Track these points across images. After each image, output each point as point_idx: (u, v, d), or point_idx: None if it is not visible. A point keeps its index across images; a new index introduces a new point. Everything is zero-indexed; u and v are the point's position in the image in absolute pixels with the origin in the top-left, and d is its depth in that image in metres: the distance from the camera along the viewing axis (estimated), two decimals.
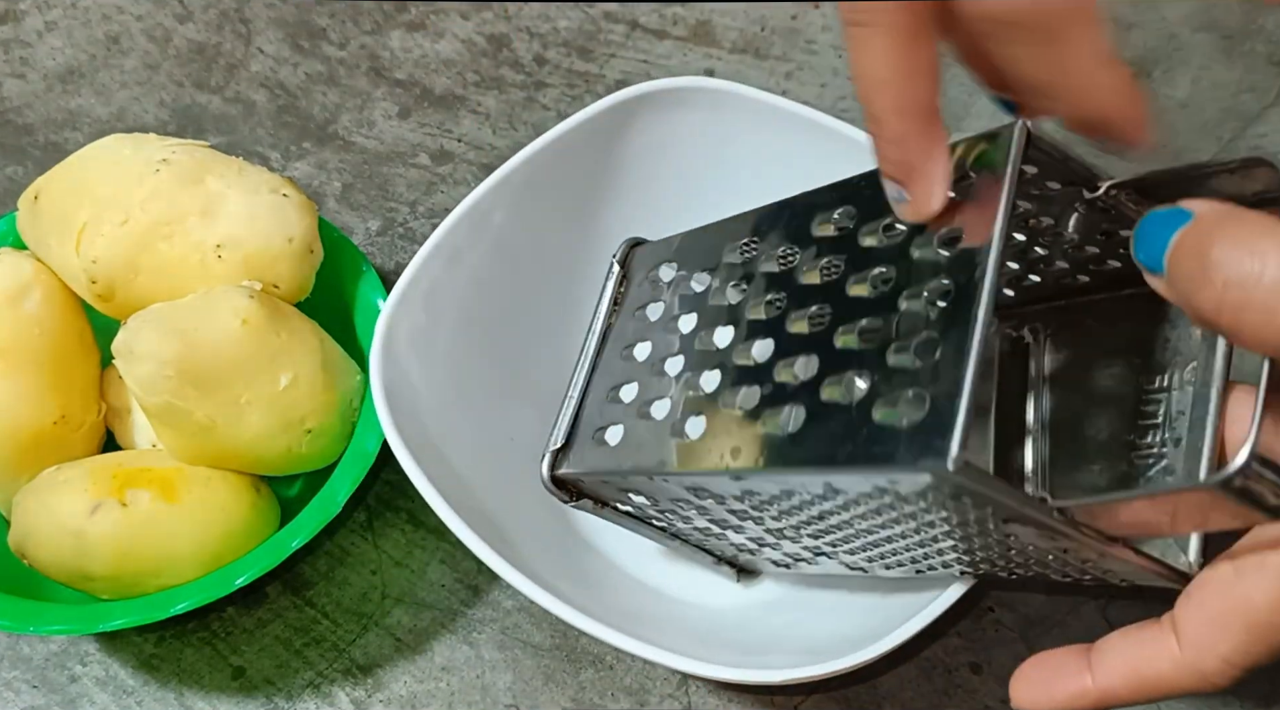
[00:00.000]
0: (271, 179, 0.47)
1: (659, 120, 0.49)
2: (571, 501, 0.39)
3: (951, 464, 0.27)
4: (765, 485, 0.33)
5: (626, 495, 0.38)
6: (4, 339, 0.45)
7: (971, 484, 0.28)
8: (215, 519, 0.44)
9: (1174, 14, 0.62)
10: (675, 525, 0.40)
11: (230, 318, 0.43)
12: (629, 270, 0.42)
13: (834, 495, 0.32)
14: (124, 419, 0.49)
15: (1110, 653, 0.32)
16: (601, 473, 0.37)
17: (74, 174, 0.46)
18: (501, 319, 0.48)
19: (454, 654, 0.47)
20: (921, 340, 0.29)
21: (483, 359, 0.47)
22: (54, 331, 0.46)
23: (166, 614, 0.43)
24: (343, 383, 0.47)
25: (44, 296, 0.46)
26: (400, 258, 0.57)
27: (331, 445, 0.47)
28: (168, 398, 0.42)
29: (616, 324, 0.41)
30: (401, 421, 0.42)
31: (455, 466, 0.43)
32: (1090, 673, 0.32)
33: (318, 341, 0.46)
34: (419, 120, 0.62)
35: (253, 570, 0.43)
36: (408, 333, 0.44)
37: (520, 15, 0.66)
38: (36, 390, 0.45)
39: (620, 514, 0.40)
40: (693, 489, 0.35)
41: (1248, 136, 0.57)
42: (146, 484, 0.44)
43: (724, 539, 0.40)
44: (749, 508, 0.35)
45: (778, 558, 0.40)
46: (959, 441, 0.27)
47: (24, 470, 0.45)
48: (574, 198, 0.49)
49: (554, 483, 0.39)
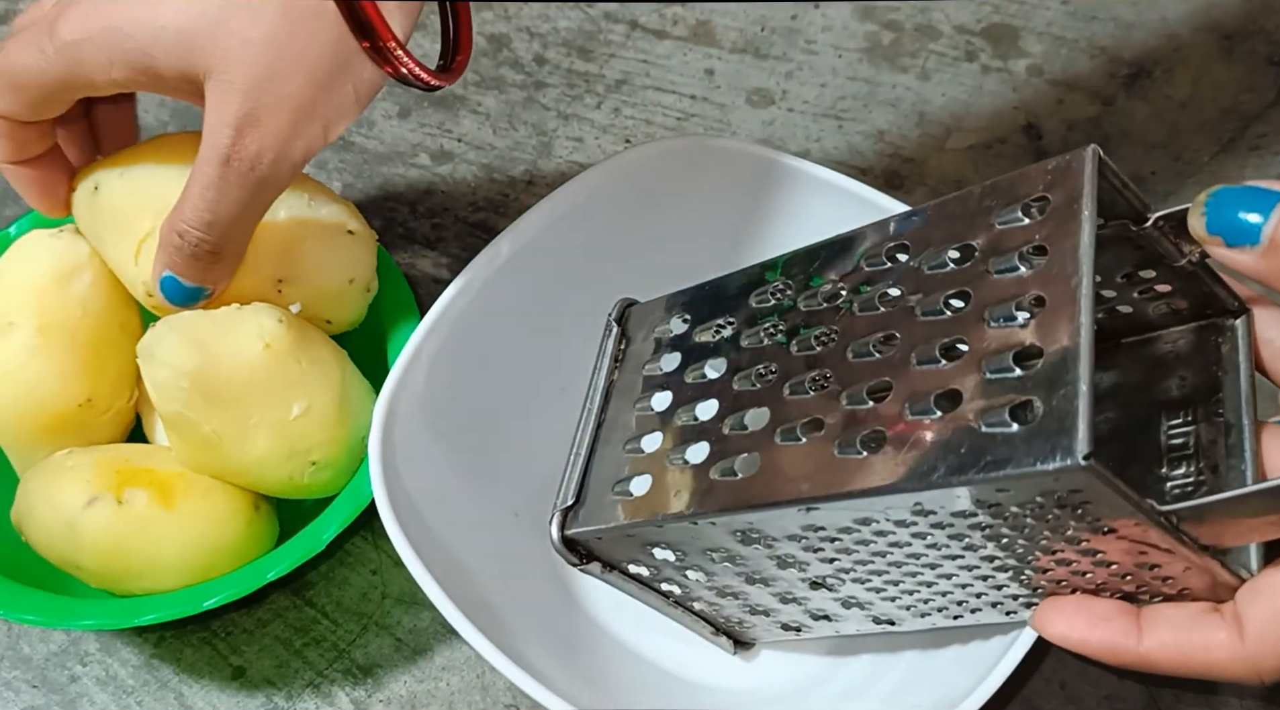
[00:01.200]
0: (337, 211, 0.46)
1: (654, 179, 0.49)
2: (581, 564, 0.38)
3: (1081, 459, 0.27)
4: (838, 516, 0.32)
5: (649, 552, 0.37)
6: (46, 316, 0.44)
7: (1099, 482, 0.27)
8: (207, 531, 0.44)
9: (1174, 14, 0.62)
10: (688, 587, 0.39)
11: (254, 339, 0.43)
12: (626, 329, 0.42)
13: (915, 521, 0.31)
14: (151, 411, 0.49)
15: (1163, 624, 0.32)
16: (628, 525, 0.36)
17: (136, 171, 0.45)
18: (503, 390, 0.47)
19: (454, 654, 0.47)
20: (1019, 349, 0.29)
21: (485, 433, 0.47)
22: (96, 315, 0.46)
23: (199, 608, 0.43)
24: (358, 417, 0.46)
25: (94, 280, 0.46)
26: (400, 258, 0.57)
27: (335, 478, 0.46)
28: (179, 407, 0.42)
29: (620, 380, 0.40)
30: (398, 501, 0.41)
31: (456, 550, 0.42)
32: (1139, 635, 0.32)
33: (339, 374, 0.45)
34: (419, 120, 0.62)
35: (222, 595, 0.43)
36: (407, 410, 0.44)
37: (520, 15, 0.66)
38: (68, 370, 0.45)
39: (627, 578, 0.39)
40: (742, 532, 0.34)
41: (1248, 136, 0.57)
42: (146, 485, 0.44)
43: (740, 598, 0.39)
44: (799, 550, 0.34)
45: (794, 617, 0.39)
46: (1086, 436, 0.27)
47: (43, 447, 0.46)
48: (577, 262, 0.48)
49: (564, 543, 0.38)
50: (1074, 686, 0.44)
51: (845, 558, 0.34)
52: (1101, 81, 0.60)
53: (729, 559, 0.36)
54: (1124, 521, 0.29)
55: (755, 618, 0.40)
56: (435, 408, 0.45)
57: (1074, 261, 0.30)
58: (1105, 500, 0.28)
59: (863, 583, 0.36)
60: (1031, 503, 0.29)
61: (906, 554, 0.33)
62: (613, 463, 0.38)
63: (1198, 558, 0.31)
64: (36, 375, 0.44)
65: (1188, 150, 0.57)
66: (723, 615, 0.41)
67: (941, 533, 0.32)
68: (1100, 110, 0.59)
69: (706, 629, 0.42)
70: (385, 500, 0.40)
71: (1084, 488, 0.28)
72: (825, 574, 0.36)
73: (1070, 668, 0.44)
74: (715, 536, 0.35)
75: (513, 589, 0.43)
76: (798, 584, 0.37)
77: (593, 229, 0.48)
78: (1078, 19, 0.62)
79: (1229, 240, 0.31)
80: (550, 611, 0.45)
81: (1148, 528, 0.29)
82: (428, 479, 0.43)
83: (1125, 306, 0.37)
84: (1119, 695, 0.44)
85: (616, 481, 0.37)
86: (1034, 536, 0.31)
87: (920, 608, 0.36)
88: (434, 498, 0.43)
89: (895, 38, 0.63)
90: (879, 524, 0.32)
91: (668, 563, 0.38)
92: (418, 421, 0.44)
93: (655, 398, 0.39)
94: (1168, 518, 0.29)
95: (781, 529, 0.33)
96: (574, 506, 0.38)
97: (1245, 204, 0.30)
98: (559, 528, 0.38)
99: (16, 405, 0.45)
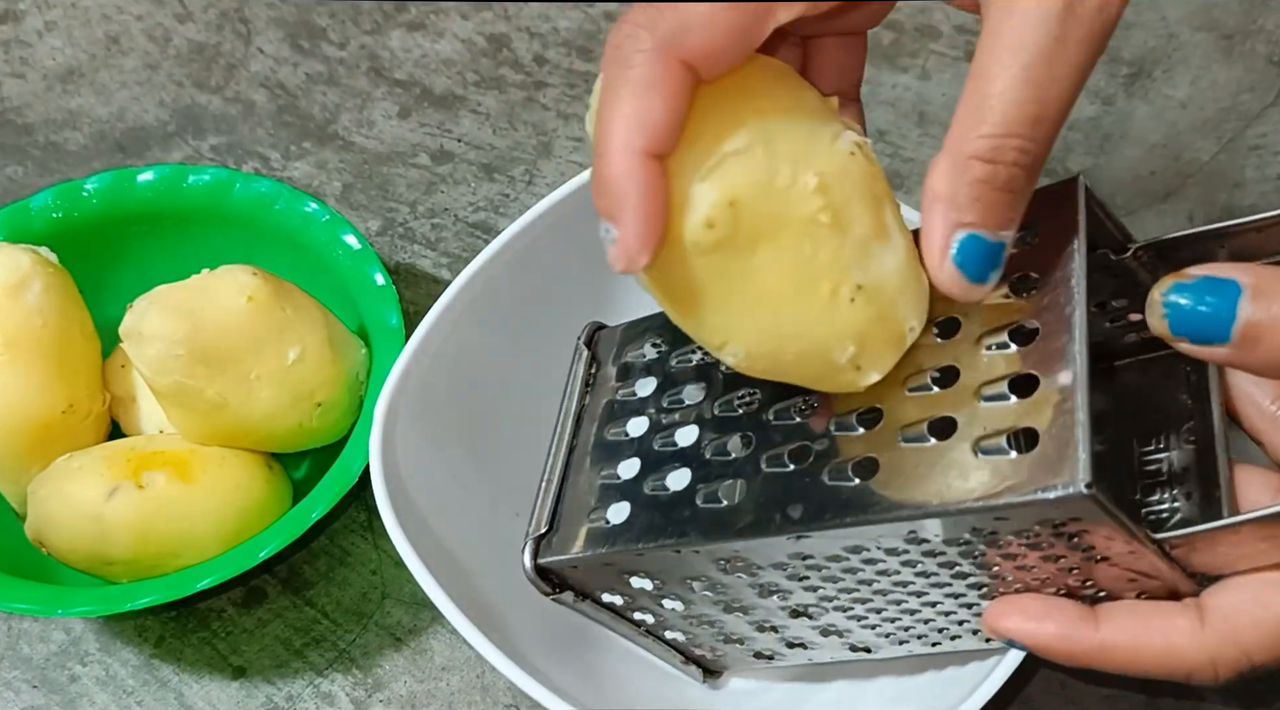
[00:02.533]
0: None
1: None
2: (554, 593, 0.37)
3: (1084, 487, 0.27)
4: (828, 545, 0.32)
5: (625, 581, 0.37)
6: (9, 331, 0.45)
7: (1099, 510, 0.27)
8: (232, 497, 0.45)
9: (1174, 14, 0.62)
10: (663, 616, 0.38)
11: (236, 295, 0.44)
12: (596, 352, 0.41)
13: (907, 550, 0.31)
14: (129, 407, 0.49)
15: (1122, 612, 0.31)
16: (607, 554, 0.35)
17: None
18: (504, 390, 0.47)
19: (454, 654, 0.47)
20: (1014, 377, 0.29)
21: (486, 433, 0.46)
22: (57, 322, 0.46)
23: (193, 589, 0.42)
24: (348, 356, 0.47)
25: (44, 288, 0.46)
26: (400, 257, 0.57)
27: (341, 419, 0.47)
28: (178, 377, 0.43)
29: (590, 404, 0.39)
30: (399, 501, 0.41)
31: (456, 550, 0.42)
32: (1096, 623, 0.31)
33: (322, 316, 0.47)
34: (419, 120, 0.63)
35: (275, 542, 0.43)
36: (408, 410, 0.43)
37: (520, 15, 0.66)
38: (44, 380, 0.45)
39: (599, 608, 0.38)
40: (726, 560, 0.34)
41: (1248, 136, 0.57)
42: (161, 465, 0.44)
43: (715, 627, 0.38)
44: (783, 578, 0.34)
45: (768, 646, 0.39)
46: (1088, 464, 0.27)
47: (35, 460, 0.46)
48: (578, 261, 0.47)
49: (537, 572, 0.37)
50: (1074, 686, 0.44)
51: (830, 586, 0.34)
52: (1101, 81, 0.60)
53: (709, 588, 0.36)
54: (1117, 549, 0.29)
55: (728, 646, 0.40)
56: (436, 408, 0.45)
57: (1067, 291, 0.30)
58: (1101, 528, 0.28)
59: (845, 611, 0.35)
60: (1029, 531, 0.29)
61: (894, 582, 0.33)
62: (587, 490, 0.37)
63: (1185, 584, 0.31)
64: (15, 389, 0.45)
65: (1188, 150, 0.57)
66: (695, 644, 0.40)
67: (933, 561, 0.31)
68: (1100, 110, 0.59)
69: (677, 658, 0.41)
70: (386, 500, 0.40)
71: (1084, 516, 0.28)
72: (808, 603, 0.35)
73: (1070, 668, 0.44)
74: (697, 565, 0.34)
75: (513, 589, 0.43)
76: (777, 612, 0.36)
77: (595, 228, 0.48)
78: None
79: (1195, 340, 0.29)
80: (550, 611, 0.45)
81: (1141, 555, 0.29)
82: (428, 479, 0.43)
83: (1096, 336, 0.37)
84: (1119, 695, 0.44)
85: (592, 509, 0.36)
86: (1025, 564, 0.31)
87: (900, 636, 0.36)
88: (434, 498, 0.43)
89: (895, 38, 0.63)
90: (869, 552, 0.31)
91: (644, 592, 0.37)
92: (418, 421, 0.44)
93: (630, 423, 0.38)
94: (1160, 546, 0.29)
95: (768, 557, 0.33)
96: (547, 534, 0.37)
97: (1205, 299, 0.28)
98: (532, 556, 0.37)
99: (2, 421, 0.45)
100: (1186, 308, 0.29)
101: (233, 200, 0.52)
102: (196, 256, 0.48)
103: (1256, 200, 0.55)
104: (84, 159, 0.63)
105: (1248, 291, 0.28)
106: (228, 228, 0.53)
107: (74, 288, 0.48)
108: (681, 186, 0.28)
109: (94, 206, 0.52)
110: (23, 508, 0.46)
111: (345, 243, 0.50)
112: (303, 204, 0.51)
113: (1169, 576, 0.30)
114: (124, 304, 0.44)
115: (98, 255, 0.52)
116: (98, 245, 0.53)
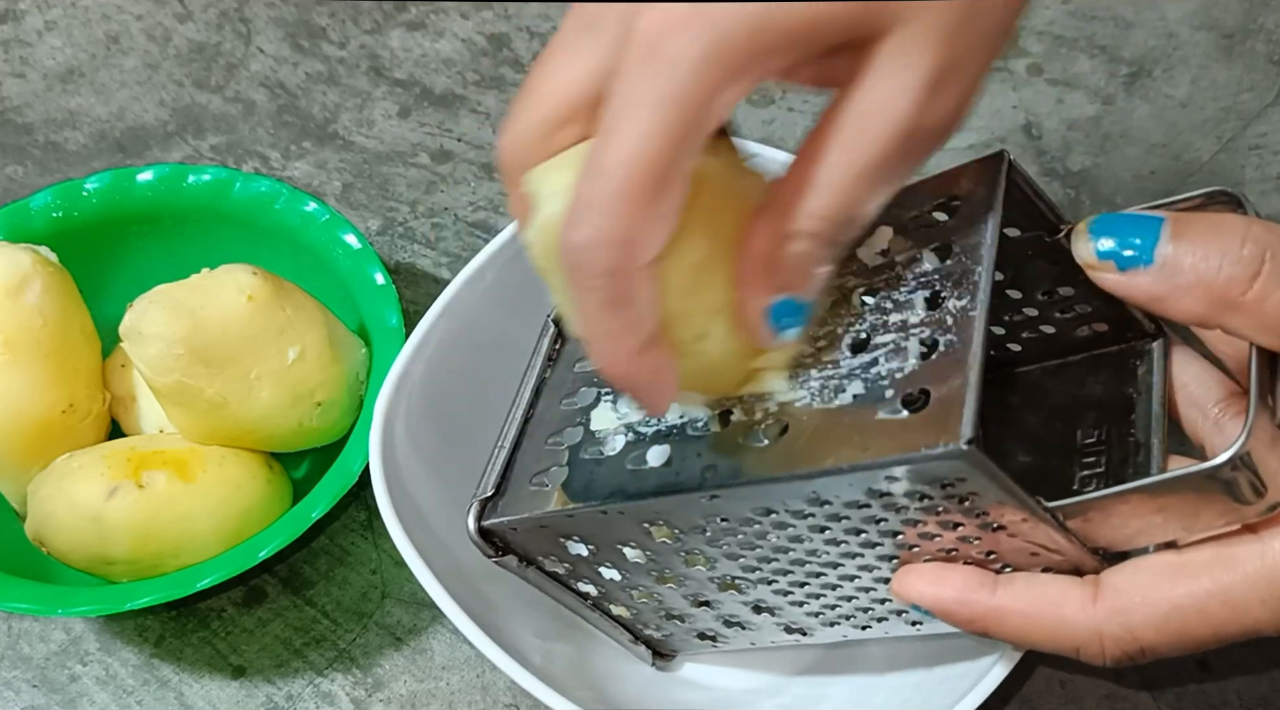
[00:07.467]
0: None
1: None
2: (497, 556, 0.38)
3: (964, 443, 0.27)
4: (739, 506, 0.32)
5: (562, 545, 0.37)
6: (9, 331, 0.45)
7: (979, 470, 0.28)
8: (232, 496, 0.45)
9: (1174, 14, 0.62)
10: (604, 586, 0.39)
11: (236, 294, 0.44)
12: (563, 328, 0.41)
13: (812, 513, 0.31)
14: (129, 407, 0.49)
15: (1020, 581, 0.32)
16: (541, 516, 0.36)
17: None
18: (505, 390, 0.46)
19: (454, 654, 0.47)
20: (915, 341, 0.30)
21: (487, 432, 0.46)
22: (57, 322, 0.46)
23: (193, 589, 0.43)
24: (348, 356, 0.47)
25: (44, 288, 0.46)
26: (400, 257, 0.57)
27: (341, 418, 0.47)
28: (178, 376, 0.43)
29: (552, 377, 0.40)
30: (399, 501, 0.41)
31: (457, 550, 0.41)
32: (994, 588, 0.32)
33: (322, 316, 0.47)
34: (419, 120, 0.63)
35: (275, 542, 0.43)
36: (408, 409, 0.43)
37: (520, 15, 0.66)
38: (44, 380, 0.45)
39: (544, 576, 0.39)
40: (648, 522, 0.34)
41: (1248, 136, 0.57)
42: (161, 465, 0.44)
43: (654, 600, 0.39)
44: (703, 544, 0.34)
45: (708, 625, 0.39)
46: (971, 421, 0.27)
47: (35, 459, 0.46)
48: None
49: (481, 535, 0.37)
50: (1074, 686, 0.44)
51: (750, 554, 0.34)
52: (1101, 81, 0.60)
53: (640, 554, 0.36)
54: (1011, 517, 0.30)
55: (670, 624, 0.40)
56: (436, 407, 0.45)
57: (975, 257, 0.31)
58: (990, 492, 0.29)
59: (770, 584, 0.36)
60: (921, 493, 0.29)
61: (807, 551, 0.33)
62: (534, 455, 0.38)
63: (1088, 560, 0.31)
64: (16, 389, 0.45)
65: (1188, 150, 0.57)
66: (641, 621, 0.41)
67: (838, 526, 0.32)
68: (1100, 109, 0.59)
69: (625, 636, 0.42)
70: (386, 500, 0.40)
71: (967, 476, 0.28)
72: (732, 573, 0.36)
73: (1070, 667, 0.44)
74: (624, 527, 0.35)
75: (513, 588, 0.43)
76: (707, 584, 0.37)
77: None
78: (1077, 18, 0.62)
79: (1120, 264, 0.30)
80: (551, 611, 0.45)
81: (1035, 524, 0.30)
82: (428, 478, 0.43)
83: (1048, 327, 0.38)
84: (1119, 695, 0.44)
85: (534, 473, 0.37)
86: (927, 531, 0.31)
87: (828, 616, 0.36)
88: (434, 497, 0.43)
89: None
90: (779, 515, 0.32)
91: (581, 558, 0.37)
92: (418, 421, 0.44)
93: (581, 392, 0.39)
94: (1053, 513, 0.30)
95: (687, 520, 0.34)
96: (493, 498, 0.37)
97: (1131, 228, 0.31)
98: (476, 518, 0.37)
99: (2, 421, 0.45)
100: (1112, 232, 0.31)
101: (232, 200, 0.52)
102: (196, 256, 0.48)
103: (1256, 200, 0.55)
104: (84, 159, 0.63)
105: (1169, 222, 0.30)
106: (227, 227, 0.53)
107: (74, 287, 0.48)
108: None
109: (94, 206, 0.53)
110: (23, 507, 0.46)
111: (345, 242, 0.50)
112: (302, 203, 0.51)
113: (1070, 551, 0.31)
114: (124, 304, 0.44)
115: (98, 255, 0.53)
116: (98, 245, 0.53)
